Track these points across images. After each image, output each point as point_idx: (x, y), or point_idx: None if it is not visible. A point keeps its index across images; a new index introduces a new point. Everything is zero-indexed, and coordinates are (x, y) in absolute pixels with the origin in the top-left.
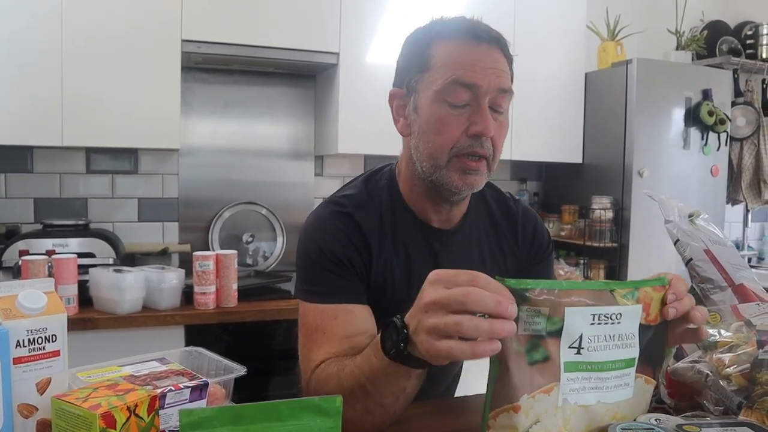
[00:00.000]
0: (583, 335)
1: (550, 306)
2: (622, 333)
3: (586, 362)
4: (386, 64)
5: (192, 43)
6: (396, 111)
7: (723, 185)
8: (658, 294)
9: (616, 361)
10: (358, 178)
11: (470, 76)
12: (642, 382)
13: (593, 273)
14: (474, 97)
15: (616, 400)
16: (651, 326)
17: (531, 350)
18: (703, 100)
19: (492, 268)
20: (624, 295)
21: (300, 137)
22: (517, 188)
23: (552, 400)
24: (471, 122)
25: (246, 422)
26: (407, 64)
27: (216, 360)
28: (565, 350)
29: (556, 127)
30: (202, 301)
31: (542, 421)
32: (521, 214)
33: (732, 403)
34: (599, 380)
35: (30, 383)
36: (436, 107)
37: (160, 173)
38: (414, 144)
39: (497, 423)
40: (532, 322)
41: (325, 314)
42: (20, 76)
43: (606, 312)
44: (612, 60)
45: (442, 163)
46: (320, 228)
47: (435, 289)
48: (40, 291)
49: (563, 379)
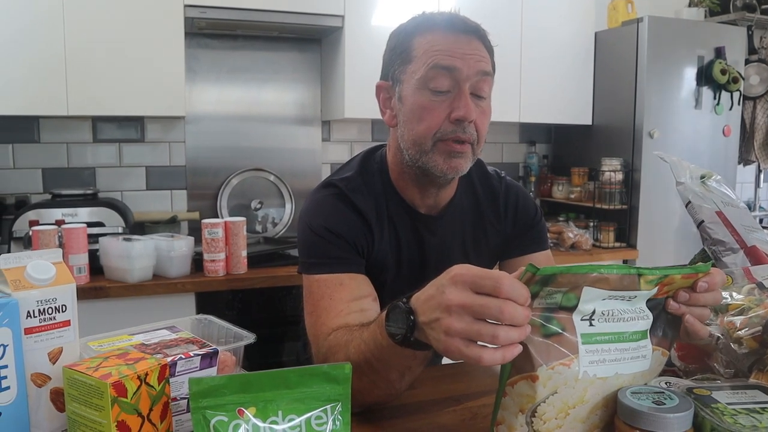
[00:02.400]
0: (596, 310)
1: (571, 285)
2: (634, 308)
3: (602, 333)
4: (392, 27)
5: (195, 8)
6: (382, 103)
7: (735, 145)
8: (684, 280)
9: (632, 333)
10: (354, 160)
11: (450, 60)
12: (659, 354)
13: (603, 235)
14: (455, 83)
15: (633, 371)
16: (660, 299)
17: (545, 323)
18: (715, 59)
19: (473, 250)
20: (649, 281)
21: (306, 102)
22: (527, 150)
23: (572, 372)
24: (453, 108)
25: (255, 390)
26: (391, 58)
27: (226, 327)
28: (579, 322)
29: (565, 88)
30: (211, 268)
31: (560, 392)
32: (504, 191)
33: (743, 365)
34: (618, 351)
35: (42, 353)
36: (419, 95)
37: (166, 141)
38: (400, 133)
39: (514, 390)
40: (549, 298)
41: (330, 282)
42: (23, 45)
43: (621, 294)
44: (622, 18)
45: (426, 149)
46: (323, 210)
47: (460, 292)
48: (49, 261)
49: (582, 351)
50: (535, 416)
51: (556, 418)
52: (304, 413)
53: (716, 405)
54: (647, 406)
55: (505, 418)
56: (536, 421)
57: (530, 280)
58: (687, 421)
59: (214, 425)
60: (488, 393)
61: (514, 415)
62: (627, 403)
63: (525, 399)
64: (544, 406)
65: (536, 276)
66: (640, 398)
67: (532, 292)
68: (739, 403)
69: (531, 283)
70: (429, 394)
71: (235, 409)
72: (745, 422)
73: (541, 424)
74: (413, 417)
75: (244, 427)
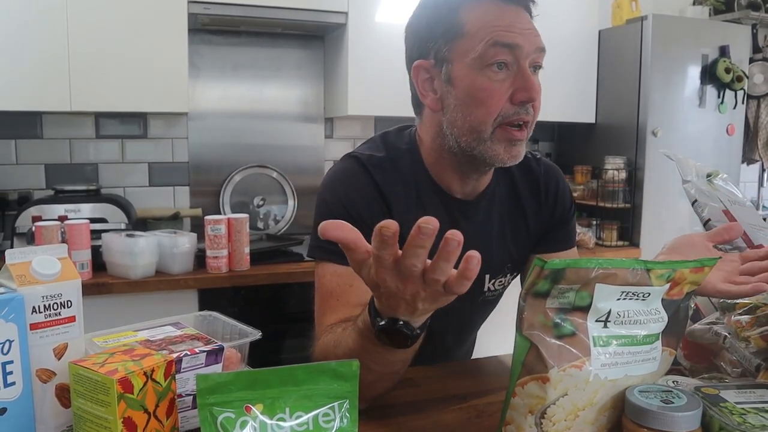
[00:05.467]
0: (612, 311)
1: (582, 282)
2: (649, 309)
3: (615, 336)
4: (396, 23)
5: (199, 4)
6: (421, 85)
7: (739, 144)
8: (694, 275)
9: (645, 335)
10: (375, 138)
11: (511, 36)
12: (666, 354)
13: (606, 234)
14: (515, 60)
15: (642, 373)
16: (675, 300)
17: (558, 324)
18: (720, 57)
19: (513, 234)
20: (660, 276)
21: (309, 99)
22: (530, 149)
23: (583, 375)
24: (515, 88)
25: (262, 387)
26: (431, 32)
27: (231, 324)
28: (593, 324)
29: (568, 86)
30: (214, 265)
31: (570, 394)
32: (543, 173)
33: (750, 365)
34: (630, 355)
35: (47, 348)
36: (476, 75)
37: (169, 137)
38: (449, 119)
39: (524, 391)
40: (561, 297)
41: (342, 279)
42: (26, 41)
43: (635, 291)
44: (626, 16)
45: (486, 136)
46: (344, 183)
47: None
48: (54, 257)
49: (594, 354)
50: (545, 418)
51: (566, 420)
52: (311, 410)
53: (725, 404)
54: (655, 404)
55: (514, 418)
56: (545, 422)
57: (539, 275)
58: (695, 420)
59: (221, 422)
60: (494, 391)
61: (524, 416)
62: (635, 401)
63: (535, 400)
64: (553, 408)
65: (544, 270)
66: (648, 397)
67: (543, 290)
68: (747, 402)
69: (540, 278)
70: (434, 392)
71: (242, 406)
72: (754, 421)
73: (551, 426)
74: (419, 415)
75: (252, 424)
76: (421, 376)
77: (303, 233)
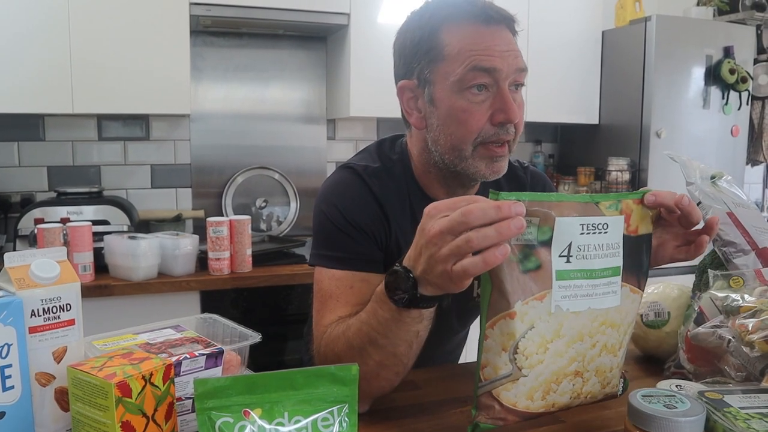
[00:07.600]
0: (572, 244)
1: (541, 216)
2: (608, 242)
3: (576, 270)
4: (398, 24)
5: (200, 6)
6: (407, 104)
7: (743, 145)
8: (638, 207)
9: (604, 269)
10: (369, 148)
11: (490, 60)
12: (628, 290)
13: None
14: (494, 82)
15: (605, 306)
16: (632, 236)
17: (524, 259)
18: (724, 58)
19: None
20: (608, 207)
21: (312, 101)
22: (533, 150)
23: (545, 307)
24: (494, 109)
25: (261, 391)
26: (415, 53)
27: (231, 327)
28: (556, 258)
29: (571, 87)
30: (216, 266)
31: (536, 327)
32: (530, 180)
33: (755, 369)
34: (590, 287)
35: (46, 352)
36: (456, 98)
37: (171, 139)
38: (433, 137)
39: (494, 331)
40: (524, 232)
41: (341, 282)
42: (28, 43)
43: (593, 222)
44: (630, 17)
45: (467, 154)
46: (341, 193)
47: (436, 221)
48: (53, 260)
49: (555, 287)
50: (518, 353)
51: (537, 353)
52: (310, 415)
53: (729, 409)
54: (659, 409)
55: (489, 360)
56: (519, 357)
57: None
58: (699, 426)
59: (219, 426)
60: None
61: (498, 354)
62: (638, 406)
63: (506, 337)
64: (524, 342)
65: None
66: (651, 402)
67: None
68: (752, 407)
69: None
70: (436, 395)
71: (240, 411)
72: (759, 427)
73: (524, 360)
74: (420, 418)
75: (250, 428)
76: (422, 378)
77: (305, 235)
